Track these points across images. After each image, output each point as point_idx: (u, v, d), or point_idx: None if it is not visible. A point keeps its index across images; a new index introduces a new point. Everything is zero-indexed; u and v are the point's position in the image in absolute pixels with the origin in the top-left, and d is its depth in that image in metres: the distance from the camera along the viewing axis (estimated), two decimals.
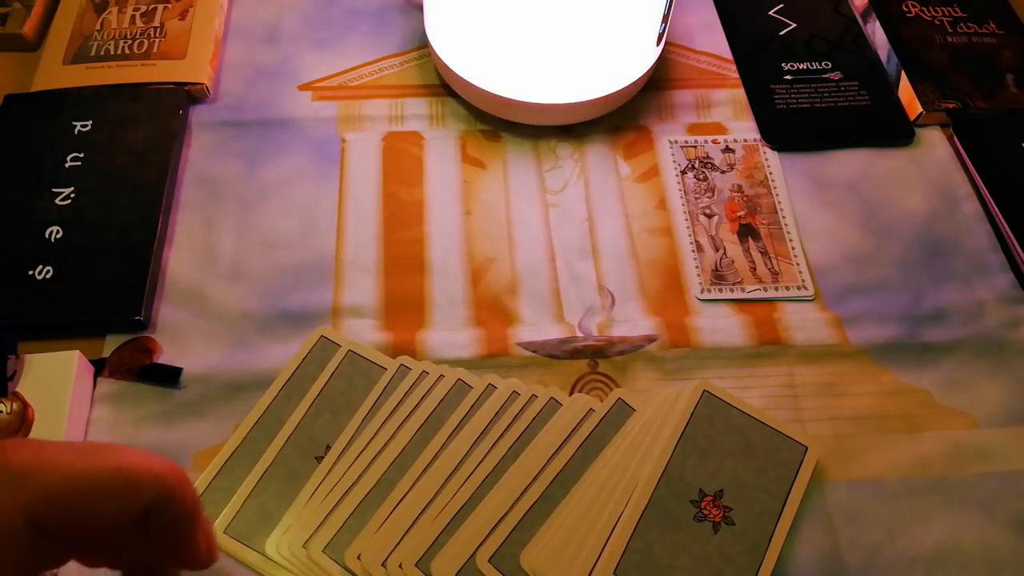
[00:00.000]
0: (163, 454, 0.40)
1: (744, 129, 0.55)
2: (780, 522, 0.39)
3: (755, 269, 0.48)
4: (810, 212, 0.51)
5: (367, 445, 0.41)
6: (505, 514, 0.39)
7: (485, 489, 0.40)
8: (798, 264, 0.49)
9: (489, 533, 0.38)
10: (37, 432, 0.39)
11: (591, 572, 0.37)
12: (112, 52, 0.55)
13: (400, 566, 0.37)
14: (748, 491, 0.40)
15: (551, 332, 0.46)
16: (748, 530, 0.39)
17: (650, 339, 0.46)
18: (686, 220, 0.51)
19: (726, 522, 0.39)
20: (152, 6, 0.58)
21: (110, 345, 0.44)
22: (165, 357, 0.44)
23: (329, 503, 0.39)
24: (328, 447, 0.41)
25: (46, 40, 0.57)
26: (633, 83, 0.53)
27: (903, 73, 0.56)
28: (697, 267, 0.49)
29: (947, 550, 0.39)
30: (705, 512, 0.39)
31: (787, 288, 0.48)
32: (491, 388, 0.43)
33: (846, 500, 0.41)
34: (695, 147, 0.54)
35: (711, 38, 0.60)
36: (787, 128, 0.55)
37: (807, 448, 0.41)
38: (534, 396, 0.42)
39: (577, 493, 0.40)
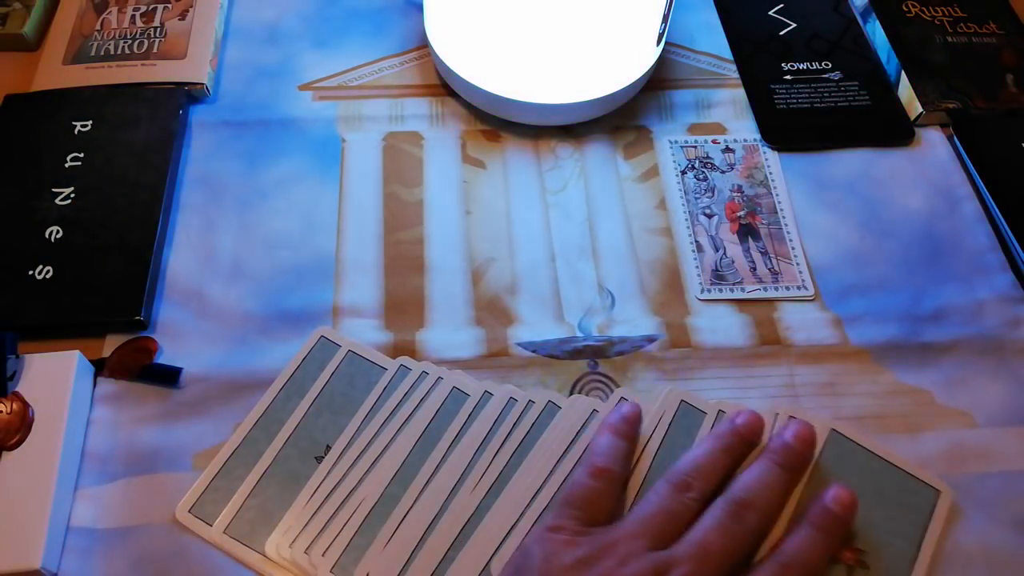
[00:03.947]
0: (163, 454, 0.41)
1: (744, 129, 0.55)
2: (915, 569, 0.38)
3: (755, 269, 0.48)
4: (810, 212, 0.51)
5: (368, 447, 0.41)
6: (516, 522, 0.38)
7: (492, 498, 0.39)
8: (798, 264, 0.49)
9: (501, 542, 0.38)
10: (37, 432, 0.39)
11: None
12: (112, 52, 0.55)
13: None
14: (881, 535, 0.39)
15: (551, 332, 0.46)
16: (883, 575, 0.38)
17: (650, 339, 0.46)
18: (686, 220, 0.51)
19: (861, 566, 0.38)
20: (152, 6, 0.58)
21: (110, 345, 0.44)
22: (165, 357, 0.44)
23: (330, 509, 0.39)
24: (328, 447, 0.41)
25: (46, 40, 0.57)
26: (633, 83, 0.53)
27: (903, 73, 0.56)
28: (697, 267, 0.49)
29: (947, 550, 0.39)
30: (838, 555, 0.38)
31: (787, 288, 0.48)
32: (487, 395, 0.42)
33: None
34: (695, 147, 0.54)
35: (711, 38, 0.60)
36: (787, 128, 0.55)
37: (940, 492, 0.40)
38: (531, 402, 0.42)
39: None
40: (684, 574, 0.33)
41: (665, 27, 0.51)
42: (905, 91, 0.56)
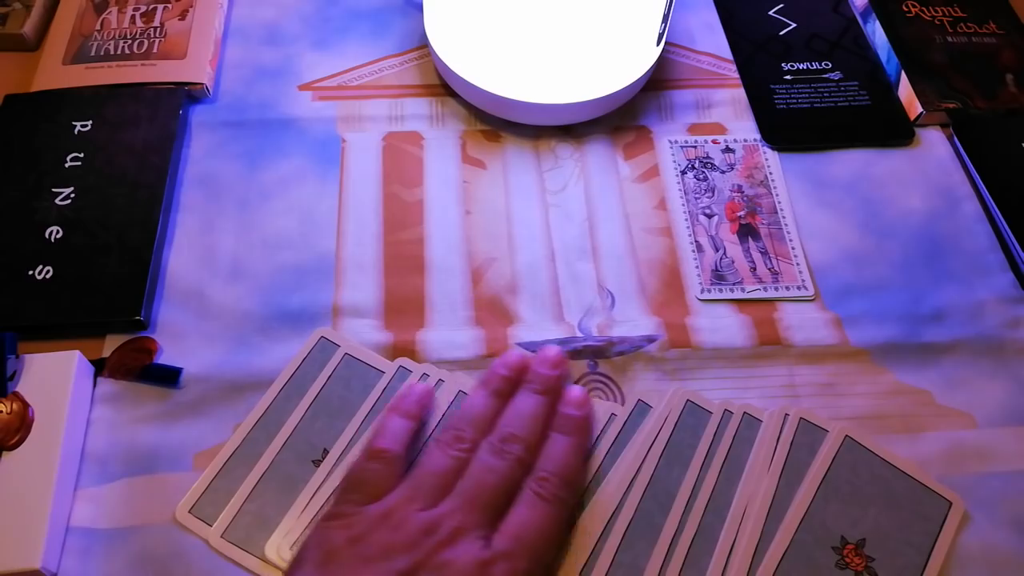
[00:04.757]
0: (163, 454, 0.41)
1: (744, 129, 0.55)
2: None
3: (755, 269, 0.48)
4: (810, 212, 0.51)
5: None
6: None
7: None
8: (798, 264, 0.49)
9: None
10: (37, 432, 0.39)
11: None
12: (112, 52, 0.55)
13: None
14: (891, 542, 0.39)
15: (551, 332, 0.46)
16: None
17: (650, 339, 0.46)
18: (686, 220, 0.51)
19: (868, 572, 0.38)
20: (152, 6, 0.58)
21: (110, 345, 0.44)
22: (165, 357, 0.44)
23: None
24: (326, 451, 0.41)
25: (46, 40, 0.57)
26: (633, 83, 0.53)
27: (903, 73, 0.56)
28: (697, 267, 0.48)
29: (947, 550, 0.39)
30: (847, 560, 0.38)
31: (787, 288, 0.48)
32: None
33: None
34: (695, 147, 0.54)
35: (711, 38, 0.60)
36: (787, 128, 0.55)
37: (951, 504, 0.40)
38: None
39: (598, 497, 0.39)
40: (455, 524, 0.34)
41: (665, 27, 0.51)
42: (905, 91, 0.56)
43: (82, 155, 0.50)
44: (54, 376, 0.41)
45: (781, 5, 0.62)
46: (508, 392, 0.40)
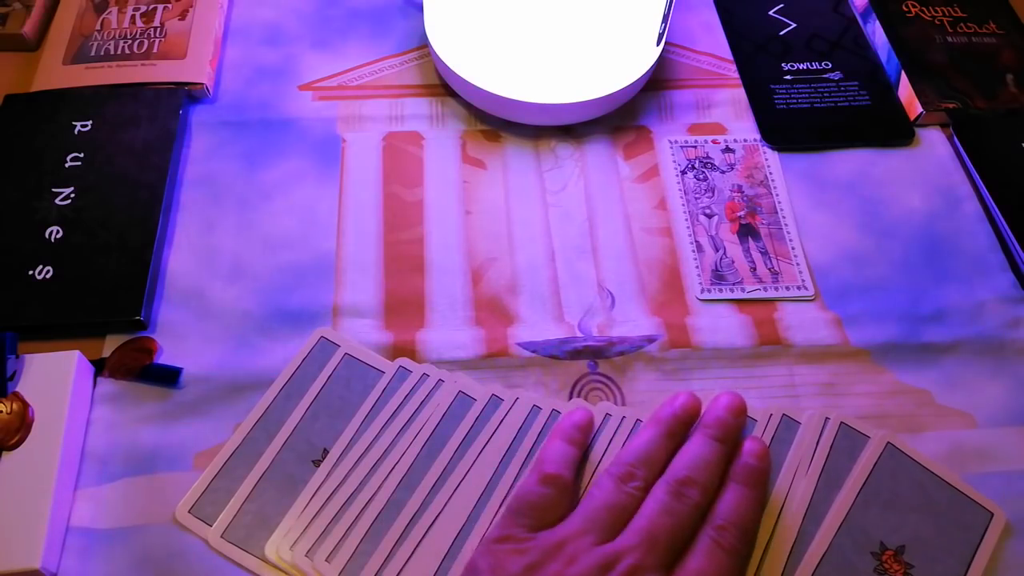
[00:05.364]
0: (163, 454, 0.41)
1: (744, 129, 0.55)
2: None
3: (755, 269, 0.48)
4: (810, 212, 0.51)
5: (368, 450, 0.41)
6: None
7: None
8: (798, 264, 0.49)
9: None
10: (37, 432, 0.39)
11: None
12: (112, 52, 0.55)
13: None
14: (931, 550, 0.38)
15: (551, 332, 0.46)
16: None
17: (650, 339, 0.46)
18: (686, 220, 0.51)
19: None
20: (152, 6, 0.58)
21: (110, 345, 0.44)
22: (165, 357, 0.44)
23: (331, 512, 0.39)
24: (326, 451, 0.41)
25: (46, 40, 0.57)
26: (633, 83, 0.53)
27: (903, 73, 0.56)
28: (697, 267, 0.49)
29: None
30: (886, 566, 0.38)
31: (787, 288, 0.48)
32: (496, 399, 0.42)
33: None
34: (695, 147, 0.54)
35: (711, 38, 0.60)
36: (787, 128, 0.55)
37: (992, 515, 0.40)
38: (537, 408, 0.42)
39: None
40: (632, 563, 0.33)
41: (665, 27, 0.51)
42: (905, 91, 0.56)
43: (82, 155, 0.50)
44: (54, 376, 0.41)
45: (781, 5, 0.62)
46: (680, 433, 0.39)
